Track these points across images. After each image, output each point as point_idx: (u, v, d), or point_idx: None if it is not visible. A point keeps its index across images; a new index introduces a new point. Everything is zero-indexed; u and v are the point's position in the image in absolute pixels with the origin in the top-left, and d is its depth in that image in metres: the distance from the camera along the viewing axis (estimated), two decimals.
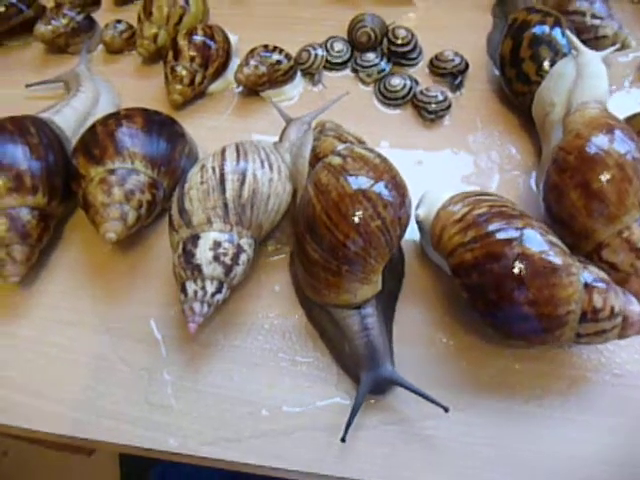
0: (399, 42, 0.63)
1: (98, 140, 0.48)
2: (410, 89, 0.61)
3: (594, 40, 0.62)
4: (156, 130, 0.51)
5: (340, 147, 0.47)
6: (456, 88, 0.63)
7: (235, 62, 0.64)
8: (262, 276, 0.49)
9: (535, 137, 0.58)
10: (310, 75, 0.64)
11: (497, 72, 0.62)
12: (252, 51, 0.61)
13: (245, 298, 0.48)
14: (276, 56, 0.61)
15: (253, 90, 0.61)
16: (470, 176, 0.56)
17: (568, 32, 0.56)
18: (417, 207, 0.48)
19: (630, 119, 0.55)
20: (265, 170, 0.47)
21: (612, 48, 0.56)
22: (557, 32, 0.57)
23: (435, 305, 0.47)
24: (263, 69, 0.60)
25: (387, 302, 0.45)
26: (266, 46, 0.61)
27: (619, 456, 0.40)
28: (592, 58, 0.54)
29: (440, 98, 0.60)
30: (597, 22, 0.61)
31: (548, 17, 0.58)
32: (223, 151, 0.47)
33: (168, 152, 0.50)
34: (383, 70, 0.63)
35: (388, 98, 0.62)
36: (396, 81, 0.61)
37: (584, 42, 0.59)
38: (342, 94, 0.55)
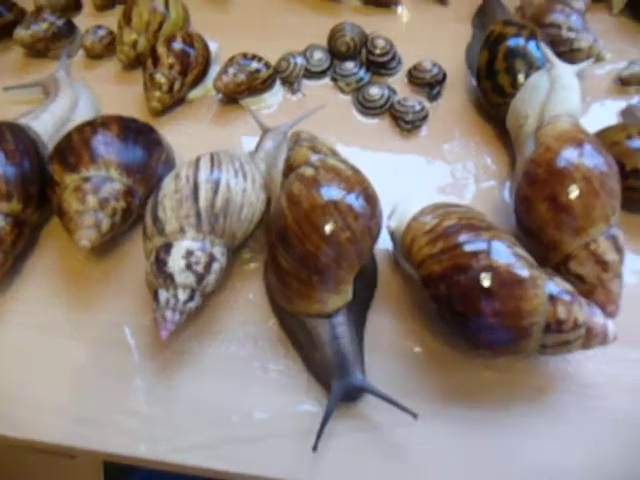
0: (378, 52, 0.63)
1: (73, 147, 0.48)
2: (388, 99, 0.62)
3: (569, 53, 0.63)
4: (132, 138, 0.51)
5: (313, 158, 0.47)
6: (433, 98, 0.64)
7: (215, 70, 0.64)
8: (237, 284, 0.50)
9: (510, 148, 0.58)
10: (289, 84, 0.64)
11: (475, 83, 0.63)
12: (231, 59, 0.61)
13: (220, 306, 0.49)
14: (255, 64, 0.62)
15: (232, 98, 0.62)
16: (446, 187, 0.57)
17: (543, 45, 0.57)
18: (389, 218, 0.49)
19: (601, 133, 0.56)
20: (239, 180, 0.47)
21: (586, 62, 0.58)
22: (532, 45, 0.58)
23: (406, 314, 0.48)
24: (242, 77, 0.60)
25: (358, 311, 0.46)
26: (245, 54, 0.62)
27: (585, 466, 0.41)
28: (565, 71, 0.55)
29: (417, 108, 0.61)
30: (572, 35, 0.62)
31: (523, 30, 0.59)
32: (197, 160, 0.48)
33: (144, 160, 0.51)
34: (362, 79, 0.64)
35: (366, 107, 0.62)
36: (374, 91, 0.62)
37: (560, 55, 0.60)
38: (319, 106, 0.56)
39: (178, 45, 0.60)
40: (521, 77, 0.57)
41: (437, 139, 0.61)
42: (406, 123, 0.61)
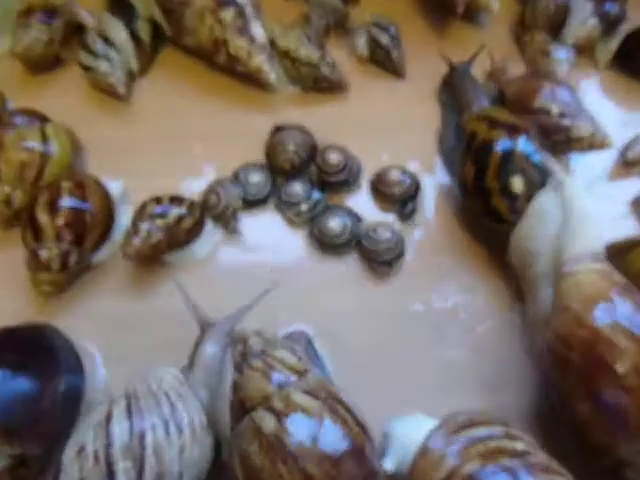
0: (332, 170, 0.49)
1: None
2: (352, 231, 0.48)
3: (566, 143, 0.51)
4: (8, 371, 0.36)
5: (273, 391, 0.34)
6: (407, 217, 0.50)
7: (124, 210, 0.49)
8: None
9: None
10: (224, 221, 0.49)
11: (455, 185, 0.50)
12: (141, 210, 0.46)
13: None
14: (175, 210, 0.47)
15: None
16: (433, 339, 0.44)
17: (544, 157, 0.45)
18: (384, 454, 0.36)
19: (623, 252, 0.44)
20: (172, 436, 0.34)
21: (600, 181, 0.46)
22: (529, 152, 0.45)
23: None
24: (159, 235, 0.45)
25: None
26: (158, 199, 0.47)
27: None
28: (577, 191, 0.43)
29: (391, 241, 0.47)
30: (568, 122, 0.50)
31: (514, 132, 0.46)
32: (108, 416, 0.33)
33: (29, 411, 0.36)
34: (315, 205, 0.50)
35: (326, 245, 0.48)
36: (333, 224, 0.48)
37: (554, 145, 0.48)
38: (268, 289, 0.41)
39: (66, 204, 0.45)
40: (522, 201, 0.44)
41: (418, 278, 0.48)
42: (380, 264, 0.47)
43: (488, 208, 0.45)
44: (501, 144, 0.45)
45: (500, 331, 0.46)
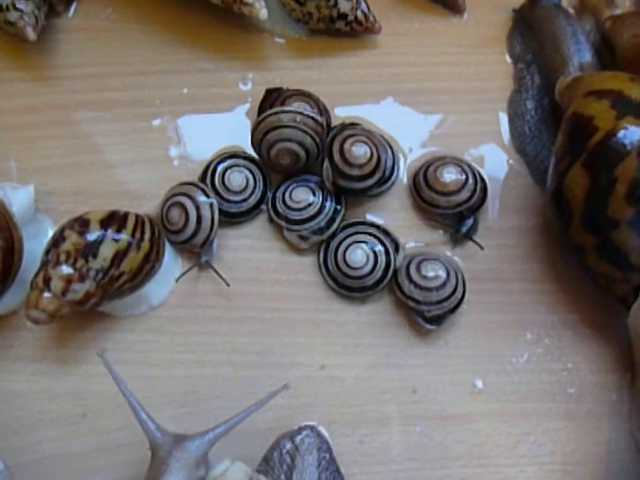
0: (355, 173, 0.31)
1: None
2: (386, 267, 0.31)
3: None
4: None
5: None
6: (464, 238, 0.33)
7: (36, 239, 0.31)
8: None
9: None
10: (192, 251, 0.32)
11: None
12: (55, 244, 0.29)
13: None
14: (113, 239, 0.29)
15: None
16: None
17: None
18: None
19: None
20: None
21: None
22: None
23: None
24: (86, 286, 0.28)
25: None
26: (84, 222, 0.30)
27: None
28: None
29: (445, 284, 0.31)
30: None
31: None
32: None
33: None
34: (331, 221, 0.33)
35: (346, 288, 0.32)
36: (357, 254, 0.31)
37: None
38: (274, 391, 0.26)
39: None
40: None
41: (477, 332, 0.32)
42: (427, 320, 0.31)
43: (606, 245, 0.28)
44: (639, 141, 0.27)
45: (595, 422, 0.31)
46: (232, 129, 0.36)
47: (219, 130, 0.36)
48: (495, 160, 0.36)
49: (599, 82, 0.31)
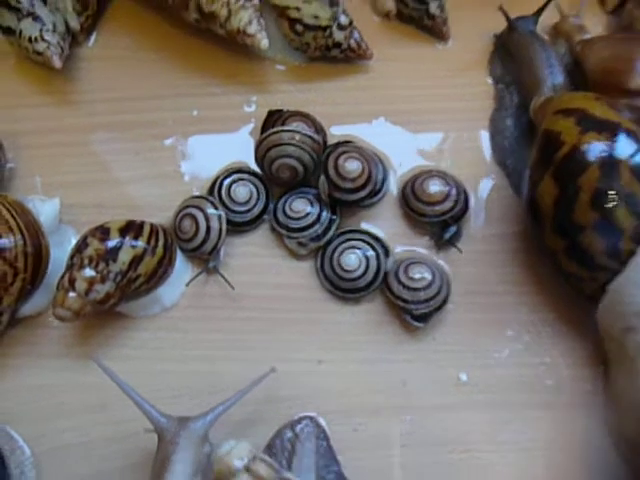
0: (348, 186, 0.35)
1: None
2: (377, 270, 0.35)
3: None
4: None
5: None
6: (447, 244, 0.36)
7: (61, 247, 0.35)
8: None
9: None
10: (201, 257, 0.36)
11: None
12: (78, 250, 0.33)
13: None
14: (130, 245, 0.33)
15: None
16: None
17: None
18: None
19: None
20: None
21: None
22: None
23: None
24: (106, 287, 0.32)
25: None
26: (104, 230, 0.33)
27: None
28: None
29: (431, 285, 0.34)
30: None
31: (619, 136, 0.31)
32: None
33: None
34: (327, 229, 0.36)
35: (341, 289, 0.35)
36: (351, 258, 0.35)
37: None
38: (265, 373, 0.29)
39: None
40: (628, 239, 0.30)
41: (462, 329, 0.35)
42: (415, 318, 0.34)
43: (573, 247, 0.32)
44: (599, 154, 0.30)
45: (571, 412, 0.34)
46: (237, 147, 0.39)
47: (226, 148, 0.39)
48: (479, 173, 0.39)
49: (567, 102, 0.34)
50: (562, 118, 0.33)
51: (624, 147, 0.31)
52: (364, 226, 0.37)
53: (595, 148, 0.31)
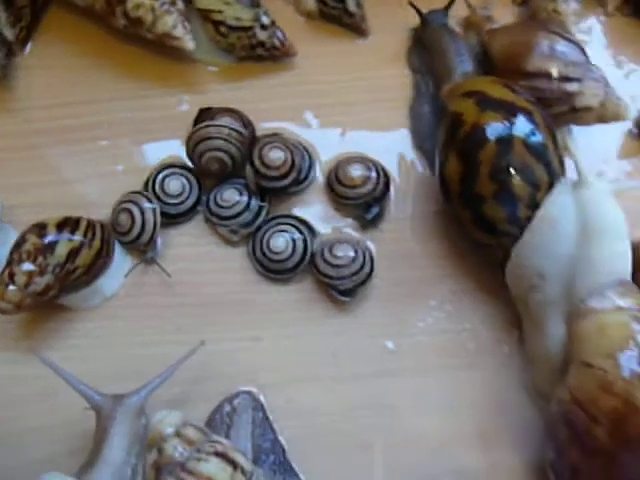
0: (272, 174, 0.37)
1: None
2: (304, 251, 0.37)
3: (570, 114, 0.39)
4: None
5: None
6: (370, 224, 0.39)
7: (3, 245, 0.37)
8: None
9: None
10: (139, 249, 0.38)
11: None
12: (17, 246, 0.34)
13: None
14: (67, 239, 0.35)
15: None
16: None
17: (565, 137, 0.34)
18: None
19: None
20: None
21: (629, 184, 0.35)
22: (536, 139, 0.34)
23: None
24: (46, 279, 0.33)
25: None
26: (41, 226, 0.35)
27: None
28: (602, 197, 0.32)
29: (355, 261, 0.36)
30: (573, 87, 0.38)
31: (514, 112, 0.34)
32: None
33: None
34: (256, 216, 0.38)
35: (271, 271, 0.37)
36: (279, 241, 0.37)
37: (556, 118, 0.37)
38: (193, 348, 0.31)
39: None
40: (524, 206, 0.33)
41: (389, 303, 0.38)
42: (342, 293, 0.36)
43: (479, 218, 0.34)
44: (495, 131, 0.33)
45: (492, 372, 0.36)
46: (171, 144, 0.41)
47: (160, 146, 0.41)
48: (400, 156, 0.42)
49: (469, 85, 0.37)
50: (464, 100, 0.36)
51: (518, 124, 0.34)
52: (295, 212, 0.40)
53: (492, 126, 0.34)
